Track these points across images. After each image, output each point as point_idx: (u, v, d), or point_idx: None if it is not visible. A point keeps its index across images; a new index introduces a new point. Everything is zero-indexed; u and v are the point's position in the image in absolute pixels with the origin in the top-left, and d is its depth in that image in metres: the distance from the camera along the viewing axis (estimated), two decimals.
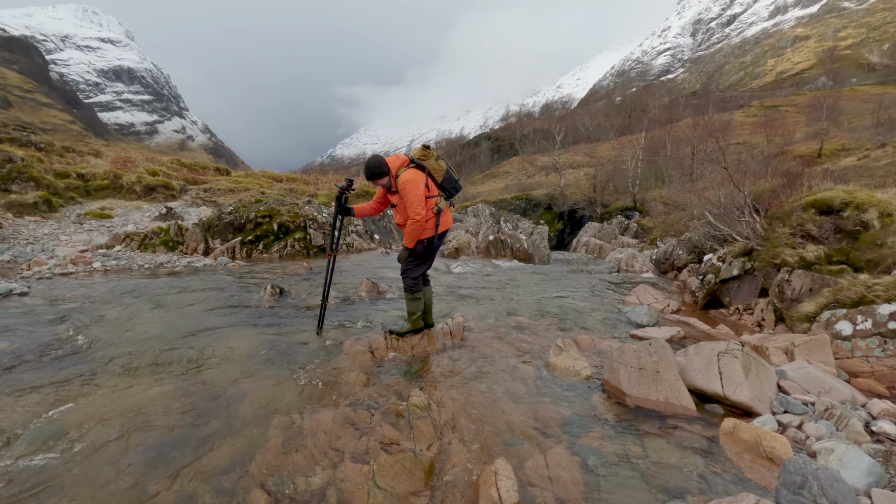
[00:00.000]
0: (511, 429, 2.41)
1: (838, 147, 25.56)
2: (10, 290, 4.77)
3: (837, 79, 60.50)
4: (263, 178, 19.28)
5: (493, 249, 10.43)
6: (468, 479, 2.02)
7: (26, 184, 10.96)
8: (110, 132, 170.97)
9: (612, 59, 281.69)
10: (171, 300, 4.83)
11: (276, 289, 5.10)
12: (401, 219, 3.34)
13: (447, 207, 3.43)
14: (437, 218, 3.30)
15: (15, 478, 1.93)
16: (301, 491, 1.91)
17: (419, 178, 3.19)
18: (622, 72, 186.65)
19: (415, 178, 3.17)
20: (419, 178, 3.19)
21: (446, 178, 3.37)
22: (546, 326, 4.35)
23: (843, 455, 2.00)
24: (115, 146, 27.23)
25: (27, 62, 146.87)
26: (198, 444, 2.20)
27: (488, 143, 73.69)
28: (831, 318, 3.80)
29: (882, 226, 4.48)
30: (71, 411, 2.45)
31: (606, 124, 57.01)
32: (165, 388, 2.75)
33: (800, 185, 6.24)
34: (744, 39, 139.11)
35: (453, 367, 3.23)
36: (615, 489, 1.95)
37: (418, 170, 3.23)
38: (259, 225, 8.79)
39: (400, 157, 3.32)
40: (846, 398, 2.77)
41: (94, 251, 7.48)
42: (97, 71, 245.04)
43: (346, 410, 2.51)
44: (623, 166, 27.80)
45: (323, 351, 3.44)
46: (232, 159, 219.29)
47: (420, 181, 3.17)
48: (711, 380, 2.71)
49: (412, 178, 3.15)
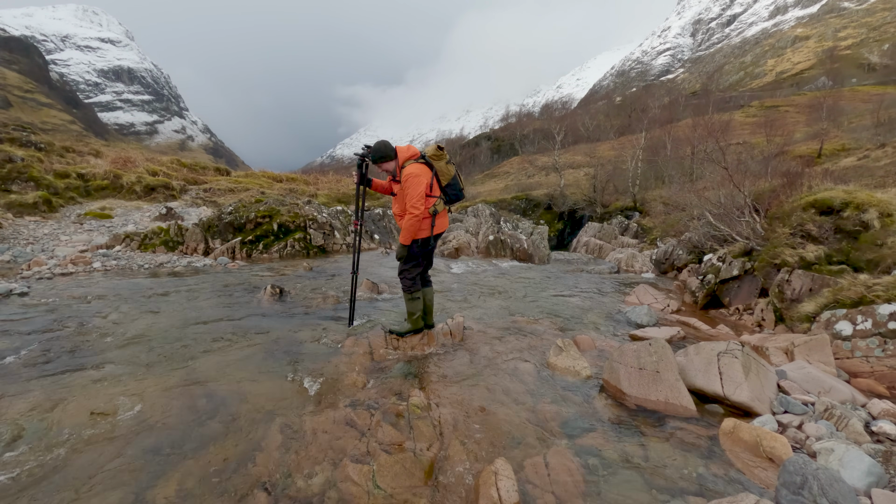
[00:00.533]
0: (511, 429, 2.41)
1: (838, 147, 25.56)
2: (10, 290, 4.77)
3: (837, 79, 60.46)
4: (263, 178, 19.29)
5: (493, 249, 10.43)
6: (468, 479, 2.02)
7: (26, 184, 10.97)
8: (110, 132, 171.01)
9: (612, 59, 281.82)
10: (171, 300, 4.83)
11: (276, 289, 5.10)
12: (398, 209, 3.33)
13: (444, 211, 3.41)
14: (433, 219, 3.28)
15: (14, 477, 1.93)
16: (301, 491, 1.91)
17: (424, 174, 3.17)
18: (622, 72, 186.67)
19: (420, 173, 3.15)
20: (424, 174, 3.17)
21: (451, 183, 3.32)
22: (546, 326, 4.35)
23: (843, 455, 2.00)
24: (115, 146, 27.22)
25: (27, 62, 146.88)
26: (198, 443, 2.20)
27: (488, 143, 73.69)
28: (831, 318, 3.80)
29: (882, 226, 4.48)
30: (70, 411, 2.45)
31: (606, 124, 56.99)
32: (165, 387, 2.75)
33: (800, 185, 6.23)
34: (744, 39, 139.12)
35: (453, 367, 3.23)
36: (615, 489, 1.95)
37: (426, 167, 3.22)
38: (259, 225, 8.79)
39: (412, 148, 3.31)
40: (846, 398, 2.77)
41: (94, 251, 7.48)
42: (97, 71, 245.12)
43: (346, 410, 2.50)
44: (623, 166, 27.80)
45: (323, 351, 3.44)
46: (232, 159, 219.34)
47: (424, 178, 3.15)
48: (711, 380, 2.71)
49: (417, 173, 3.14)
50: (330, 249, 9.18)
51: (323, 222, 9.47)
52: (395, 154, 3.24)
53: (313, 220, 9.31)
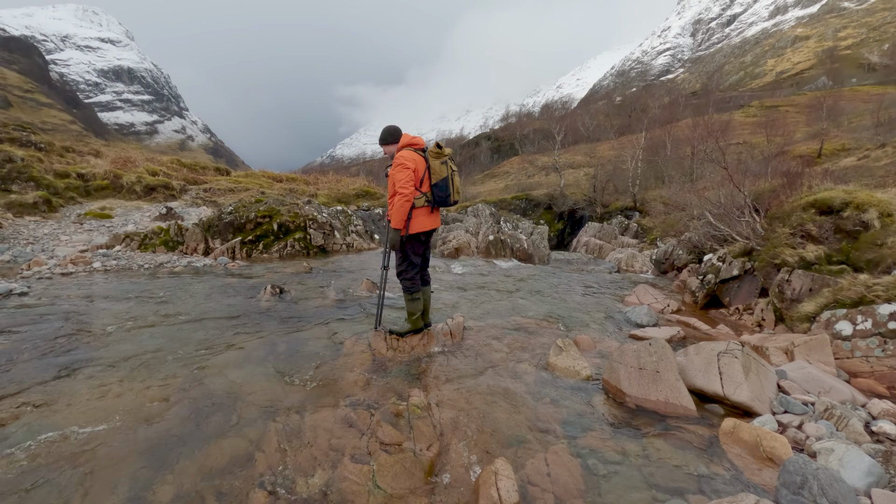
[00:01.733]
0: (511, 429, 2.41)
1: (838, 147, 25.55)
2: (9, 290, 4.76)
3: (837, 79, 60.44)
4: (263, 178, 19.29)
5: (493, 249, 10.42)
6: (468, 479, 2.02)
7: (26, 184, 10.96)
8: (110, 132, 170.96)
9: (612, 59, 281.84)
10: (171, 300, 4.83)
11: (276, 289, 5.10)
12: (391, 191, 3.29)
13: (426, 208, 3.26)
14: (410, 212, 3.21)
15: (13, 477, 1.93)
16: (301, 491, 1.91)
17: (416, 164, 3.16)
18: (622, 72, 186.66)
19: (411, 159, 3.14)
20: (416, 164, 3.16)
21: (439, 183, 3.22)
22: (546, 326, 4.34)
23: (843, 455, 2.00)
24: (115, 146, 27.21)
25: (27, 62, 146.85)
26: (198, 443, 2.20)
27: (488, 143, 73.72)
28: (831, 318, 3.80)
29: (882, 226, 4.48)
30: (70, 411, 2.45)
31: (606, 124, 56.98)
32: (165, 387, 2.75)
33: (800, 185, 6.23)
34: (744, 39, 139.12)
35: (453, 367, 3.23)
36: (615, 489, 1.95)
37: (423, 160, 3.22)
38: (259, 225, 8.79)
39: (417, 139, 3.31)
40: (846, 398, 2.77)
41: (94, 251, 7.48)
42: (97, 71, 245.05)
43: (346, 410, 2.50)
44: (623, 166, 27.77)
45: (323, 351, 3.44)
46: (232, 159, 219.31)
47: (413, 166, 3.13)
48: (711, 380, 2.71)
49: (409, 159, 3.13)
50: (330, 249, 9.18)
51: (323, 222, 9.47)
52: (397, 140, 3.27)
53: (313, 220, 9.31)
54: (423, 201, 3.23)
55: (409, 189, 3.08)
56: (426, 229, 3.33)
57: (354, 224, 10.86)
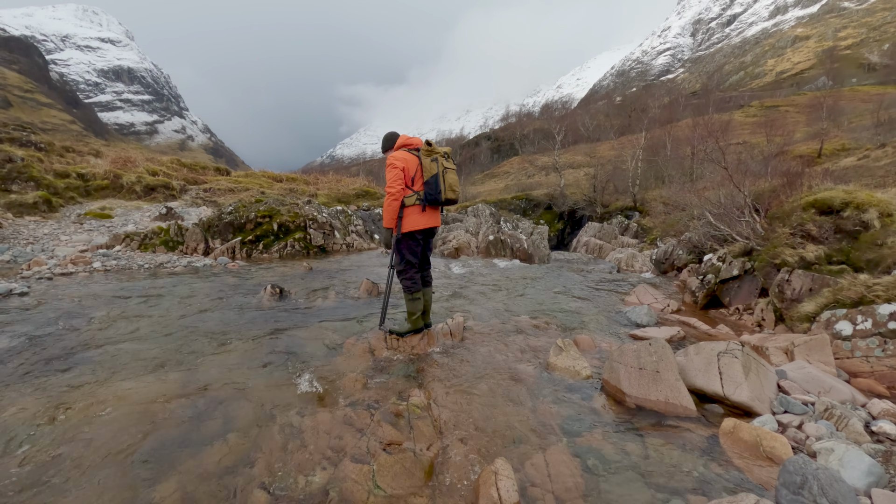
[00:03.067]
0: (511, 428, 2.41)
1: (838, 147, 25.55)
2: (9, 290, 4.76)
3: (837, 79, 60.47)
4: (263, 178, 19.29)
5: (493, 249, 10.42)
6: (468, 478, 2.02)
7: (26, 184, 10.96)
8: (110, 132, 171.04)
9: (612, 59, 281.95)
10: (171, 300, 4.83)
11: (276, 289, 5.10)
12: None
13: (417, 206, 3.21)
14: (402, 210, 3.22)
15: (13, 478, 1.93)
16: (301, 491, 1.91)
17: (406, 163, 3.18)
18: (622, 72, 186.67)
19: (401, 158, 3.17)
20: (406, 163, 3.18)
21: (429, 181, 3.15)
22: (546, 326, 4.34)
23: (843, 455, 2.00)
24: (115, 146, 27.22)
25: (27, 62, 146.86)
26: (198, 443, 2.20)
27: (488, 143, 73.75)
28: (831, 318, 3.80)
29: (882, 226, 4.48)
30: (70, 411, 2.45)
31: (606, 124, 56.97)
32: (165, 387, 2.75)
33: (800, 185, 6.23)
34: (744, 39, 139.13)
35: (453, 367, 3.23)
36: (615, 489, 1.95)
37: (415, 158, 3.24)
38: (259, 225, 8.79)
39: (413, 139, 3.35)
40: (846, 398, 2.77)
41: (94, 251, 7.48)
42: (97, 71, 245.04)
43: (346, 410, 2.51)
44: (623, 166, 27.79)
45: (323, 351, 3.44)
46: (232, 159, 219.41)
47: (403, 164, 3.15)
48: (711, 380, 2.71)
49: (398, 158, 3.17)
50: (330, 249, 9.18)
51: (323, 222, 9.47)
52: (393, 144, 3.35)
53: (313, 220, 9.32)
54: (415, 199, 3.21)
55: (396, 188, 3.11)
56: (420, 228, 3.29)
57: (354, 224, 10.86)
